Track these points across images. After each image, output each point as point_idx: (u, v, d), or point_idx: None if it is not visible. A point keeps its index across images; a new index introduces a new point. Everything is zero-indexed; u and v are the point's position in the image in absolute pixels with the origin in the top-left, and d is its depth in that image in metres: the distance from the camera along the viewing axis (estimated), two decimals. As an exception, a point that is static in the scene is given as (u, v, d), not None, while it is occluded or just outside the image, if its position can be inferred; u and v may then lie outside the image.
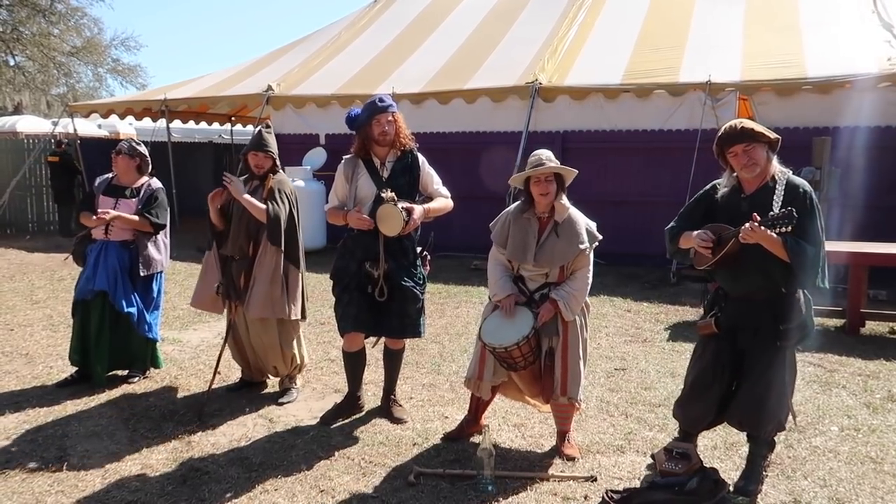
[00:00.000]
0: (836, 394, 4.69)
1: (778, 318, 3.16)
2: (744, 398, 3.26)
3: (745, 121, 3.20)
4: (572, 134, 9.72)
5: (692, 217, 3.34)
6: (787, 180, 3.15)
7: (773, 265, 3.09)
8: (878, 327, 6.31)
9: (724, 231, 3.15)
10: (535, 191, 3.63)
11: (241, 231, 4.36)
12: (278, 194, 4.35)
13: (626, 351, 5.69)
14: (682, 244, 3.32)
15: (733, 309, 3.26)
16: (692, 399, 3.43)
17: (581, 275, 3.66)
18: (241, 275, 4.37)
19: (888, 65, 8.14)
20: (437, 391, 4.75)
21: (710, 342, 3.36)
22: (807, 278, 3.07)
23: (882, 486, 3.44)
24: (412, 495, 3.31)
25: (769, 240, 2.99)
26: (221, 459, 3.70)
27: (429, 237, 4.31)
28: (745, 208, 3.12)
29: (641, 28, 10.67)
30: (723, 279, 3.29)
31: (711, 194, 3.34)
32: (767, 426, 3.28)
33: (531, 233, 3.66)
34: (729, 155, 3.19)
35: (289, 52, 13.53)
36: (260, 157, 4.37)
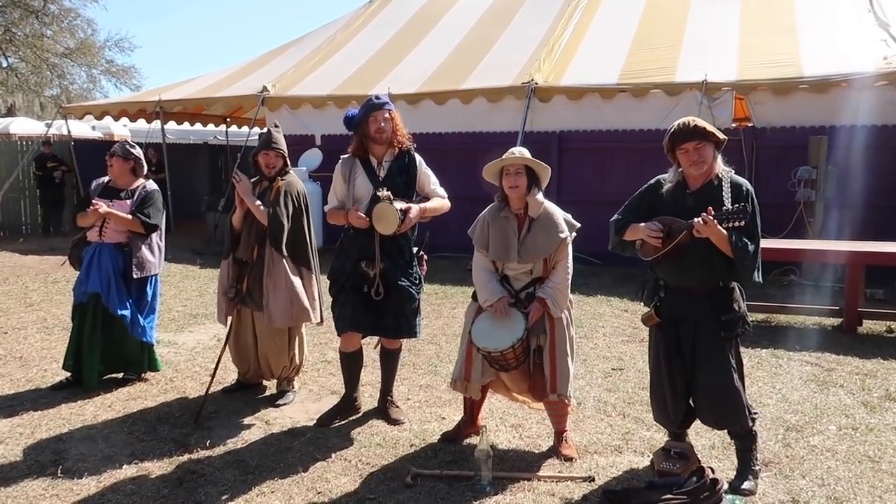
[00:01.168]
0: (833, 393, 4.69)
1: (718, 310, 3.24)
2: (708, 396, 3.29)
3: (697, 119, 3.26)
4: (569, 134, 9.72)
5: (637, 210, 3.39)
6: (731, 179, 3.24)
7: (717, 259, 3.18)
8: (875, 326, 6.31)
9: (673, 224, 3.20)
10: (505, 183, 3.64)
11: (251, 234, 4.34)
12: (284, 196, 4.30)
13: (624, 351, 5.68)
14: (628, 236, 3.38)
15: (673, 300, 3.32)
16: (656, 397, 3.48)
17: (562, 266, 3.66)
18: (247, 277, 4.34)
19: (884, 64, 8.15)
20: (435, 392, 4.73)
21: (657, 337, 3.42)
22: (747, 273, 3.18)
23: (880, 484, 3.43)
24: (409, 497, 3.29)
25: (718, 235, 3.09)
26: (217, 462, 3.67)
27: (425, 237, 4.30)
28: (690, 203, 3.20)
29: (638, 28, 10.67)
30: (666, 271, 3.33)
31: (656, 188, 3.39)
32: (741, 418, 3.29)
33: (511, 230, 3.66)
34: (679, 151, 3.25)
35: (284, 53, 13.51)
36: (271, 155, 4.34)
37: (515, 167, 3.61)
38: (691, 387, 3.35)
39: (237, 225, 4.40)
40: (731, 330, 3.26)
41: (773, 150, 8.80)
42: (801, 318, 6.53)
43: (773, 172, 8.66)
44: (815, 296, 7.42)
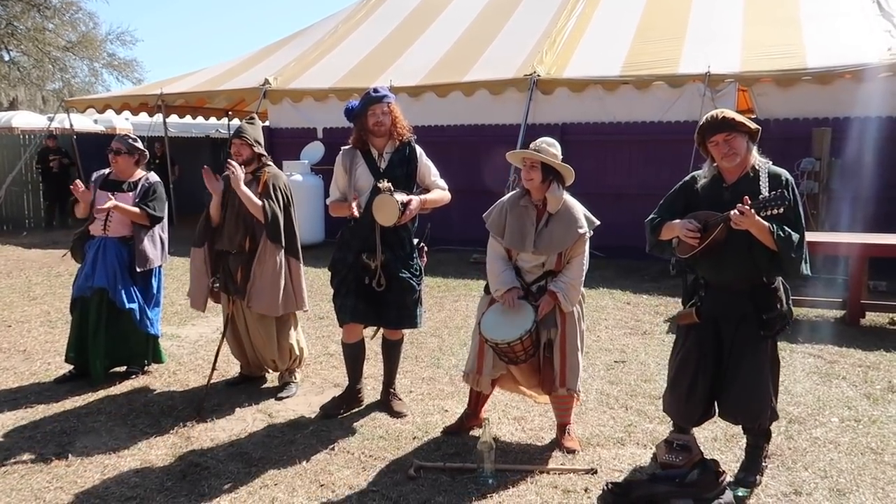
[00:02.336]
0: (836, 385, 4.69)
1: (760, 308, 3.16)
2: (735, 392, 3.23)
3: (726, 111, 3.18)
4: (571, 126, 9.68)
5: (674, 207, 3.31)
6: (769, 169, 3.16)
7: (759, 253, 3.09)
8: (878, 318, 6.30)
9: (710, 218, 3.12)
10: (523, 174, 3.63)
11: (239, 225, 4.35)
12: (272, 190, 4.34)
13: (626, 343, 5.68)
14: (664, 235, 3.29)
15: (714, 298, 3.23)
16: (677, 394, 3.40)
17: (577, 262, 3.64)
18: (239, 269, 4.36)
19: (888, 55, 8.10)
20: (437, 385, 4.73)
21: (690, 333, 3.33)
22: (792, 265, 3.07)
23: (883, 476, 3.43)
24: (412, 489, 3.30)
25: (758, 225, 2.98)
26: (221, 454, 3.69)
27: (426, 229, 4.30)
28: (727, 198, 3.12)
29: (640, 19, 10.61)
30: (705, 268, 3.25)
31: (692, 185, 3.31)
32: (762, 417, 3.26)
33: (529, 220, 3.64)
34: (710, 144, 3.18)
35: (286, 46, 13.47)
36: (237, 144, 4.38)
37: (531, 161, 3.61)
38: (719, 382, 3.28)
39: (216, 215, 4.41)
40: (770, 328, 3.18)
41: (776, 141, 8.68)
42: (804, 310, 6.52)
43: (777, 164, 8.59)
44: (818, 288, 7.39)
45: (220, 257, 4.46)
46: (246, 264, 4.35)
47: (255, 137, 4.41)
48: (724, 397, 3.30)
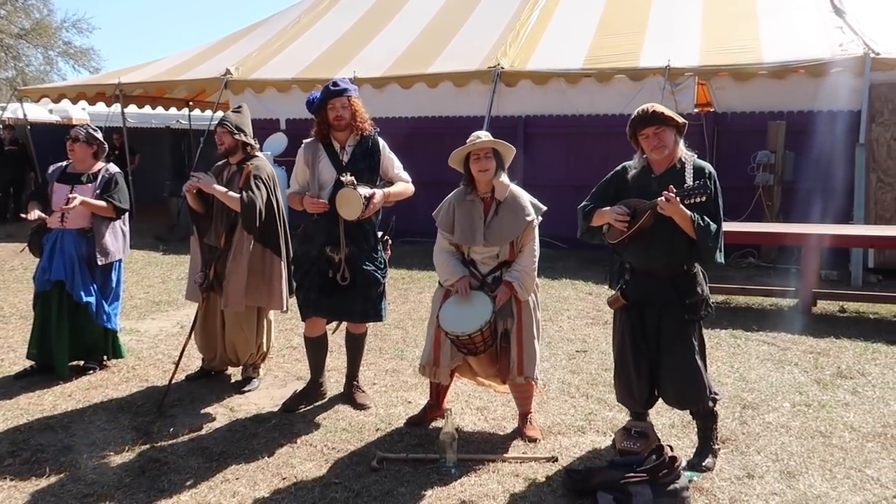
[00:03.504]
0: (788, 371, 4.83)
1: (682, 293, 3.31)
2: (672, 377, 3.36)
3: (657, 105, 3.31)
4: (535, 119, 9.75)
5: (605, 196, 3.43)
6: (694, 162, 3.31)
7: (679, 241, 3.23)
8: (828, 306, 6.50)
9: (638, 205, 3.26)
10: (475, 168, 3.64)
11: (223, 220, 4.29)
12: (254, 180, 4.24)
13: (588, 333, 5.76)
14: (595, 221, 3.41)
15: (638, 283, 3.37)
16: (621, 378, 3.53)
17: (528, 250, 3.70)
18: (217, 265, 4.29)
19: (840, 50, 8.33)
20: (401, 377, 4.75)
21: (622, 318, 3.47)
22: (709, 253, 3.23)
23: (830, 458, 3.56)
24: (375, 480, 3.32)
25: (681, 213, 3.13)
26: (181, 449, 3.65)
27: (390, 222, 4.30)
28: (654, 188, 3.25)
29: (602, 13, 10.71)
30: (632, 254, 3.38)
31: (623, 174, 3.44)
32: (702, 398, 3.38)
33: (477, 214, 3.68)
34: (640, 137, 3.30)
35: (247, 36, 13.26)
36: (219, 132, 4.31)
37: (485, 151, 3.63)
38: (655, 368, 3.41)
39: (195, 206, 4.33)
40: (694, 312, 3.33)
41: (733, 134, 8.96)
42: (759, 299, 6.70)
43: (734, 157, 8.81)
44: (772, 277, 7.62)
45: (210, 252, 4.37)
46: (223, 260, 4.28)
47: (237, 125, 4.31)
48: (662, 384, 3.42)
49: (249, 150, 4.36)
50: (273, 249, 4.34)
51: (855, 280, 7.34)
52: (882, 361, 5.02)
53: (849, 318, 6.20)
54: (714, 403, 3.47)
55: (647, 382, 3.45)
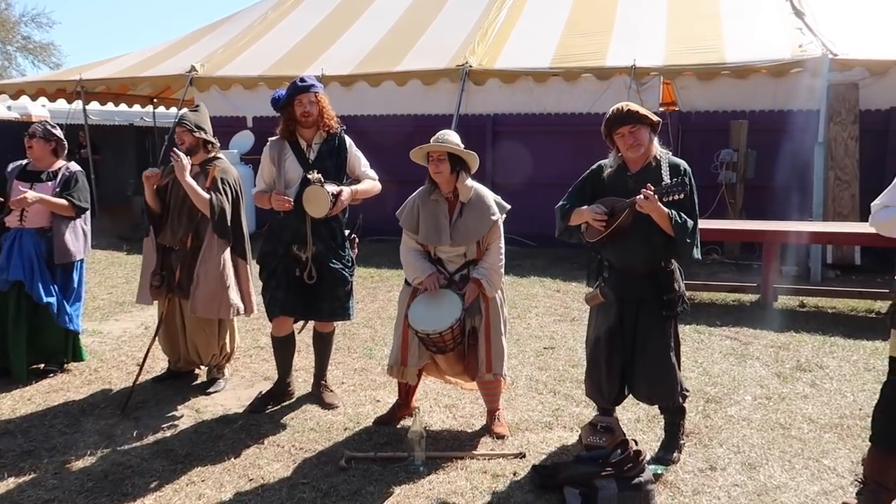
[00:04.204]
0: (750, 365, 4.94)
1: (660, 290, 3.35)
2: (646, 372, 3.40)
3: (631, 104, 3.34)
4: (503, 117, 9.80)
5: (582, 195, 3.46)
6: (669, 160, 3.35)
7: (657, 238, 3.27)
8: (789, 301, 6.65)
9: (616, 204, 3.29)
10: (430, 168, 3.65)
11: (182, 220, 4.20)
12: (221, 184, 4.18)
13: (555, 330, 5.82)
14: (573, 220, 3.44)
15: (617, 280, 3.40)
16: (594, 375, 3.55)
17: (495, 248, 3.72)
18: (180, 267, 4.22)
19: (800, 51, 8.52)
20: (369, 375, 4.74)
21: (599, 315, 3.50)
22: (686, 249, 3.28)
23: (790, 449, 3.65)
24: (343, 480, 3.31)
25: (658, 210, 3.17)
26: (145, 452, 3.60)
27: (357, 220, 4.29)
28: (631, 186, 3.29)
29: (569, 13, 10.81)
30: (610, 252, 3.41)
31: (599, 173, 3.47)
32: (674, 395, 3.44)
33: (442, 213, 3.68)
34: (616, 136, 3.33)
35: (213, 32, 13.08)
36: (178, 132, 4.23)
37: (439, 153, 3.63)
38: (628, 364, 3.45)
39: (152, 203, 4.25)
40: (671, 309, 3.36)
41: (697, 133, 9.11)
42: (722, 294, 6.83)
43: (698, 155, 8.93)
44: (735, 273, 7.77)
45: (163, 253, 4.29)
46: (188, 262, 4.19)
47: (196, 123, 4.24)
48: (635, 379, 3.46)
49: (210, 149, 4.30)
50: (241, 255, 4.30)
51: (814, 276, 7.53)
52: (839, 354, 5.16)
53: (808, 312, 6.36)
54: (684, 400, 3.53)
55: (618, 380, 3.49)
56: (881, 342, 5.19)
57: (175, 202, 4.20)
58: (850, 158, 8.17)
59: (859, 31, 8.95)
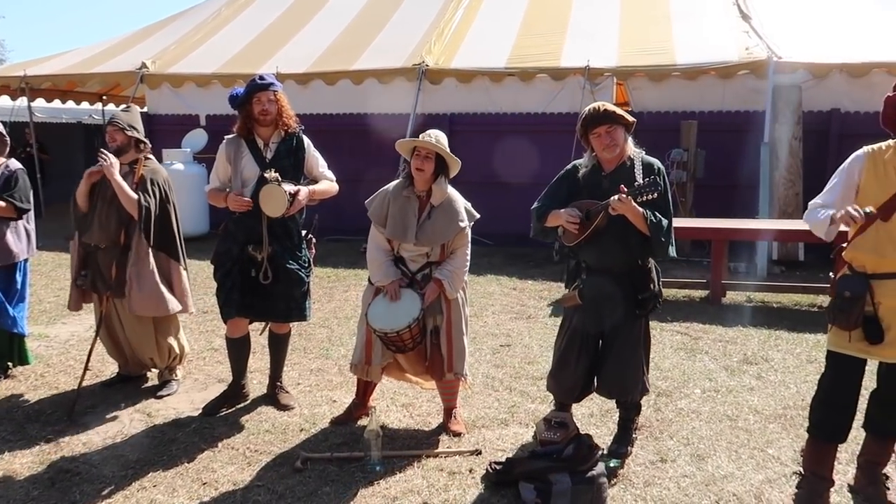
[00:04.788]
0: (699, 359, 5.08)
1: (636, 289, 3.40)
2: (611, 368, 3.46)
3: (607, 104, 3.37)
4: (459, 116, 9.85)
5: (557, 195, 3.48)
6: (643, 159, 3.39)
7: (633, 238, 3.31)
8: (737, 297, 6.85)
9: (590, 207, 3.31)
10: (414, 163, 3.65)
11: (112, 218, 4.12)
12: (150, 184, 4.13)
13: (512, 328, 5.88)
14: (549, 222, 3.45)
15: (595, 281, 3.42)
16: (562, 371, 3.58)
17: (461, 253, 3.74)
18: (113, 265, 4.14)
19: (746, 53, 8.78)
20: (326, 375, 4.72)
21: (574, 315, 3.52)
22: (662, 248, 3.33)
23: (736, 440, 3.77)
24: (299, 481, 3.30)
25: (633, 211, 3.20)
26: (94, 458, 3.52)
27: (314, 220, 4.27)
28: (605, 185, 3.33)
29: (525, 14, 10.91)
30: (587, 253, 3.44)
31: (574, 173, 3.50)
32: (634, 391, 3.51)
33: (411, 211, 3.68)
34: (592, 136, 3.35)
35: (164, 29, 12.80)
36: (110, 131, 4.16)
37: (427, 151, 3.63)
38: (597, 361, 3.49)
39: (82, 203, 4.16)
40: (644, 307, 3.41)
41: (649, 133, 9.13)
42: (673, 291, 7.00)
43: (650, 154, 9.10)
44: (686, 270, 7.96)
45: (88, 252, 4.20)
46: (120, 261, 4.12)
47: (128, 122, 4.17)
48: (601, 374, 3.51)
49: (142, 148, 4.24)
50: (169, 254, 4.23)
51: (760, 271, 7.76)
52: (784, 347, 5.35)
53: (755, 307, 6.56)
54: (642, 397, 3.61)
55: (584, 379, 3.53)
56: (822, 335, 5.37)
57: (103, 201, 4.12)
58: (794, 158, 8.45)
59: (802, 34, 9.26)
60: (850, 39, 9.06)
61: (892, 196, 2.84)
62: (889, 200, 2.84)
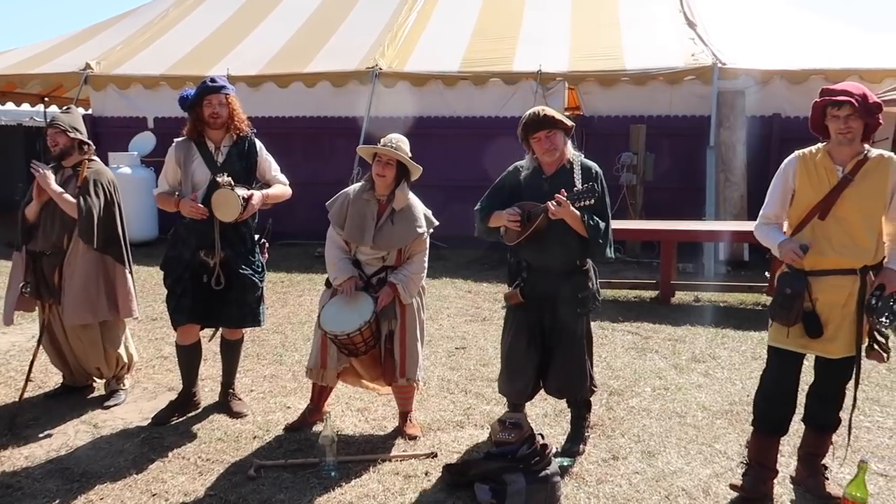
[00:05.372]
0: (649, 358, 5.19)
1: (575, 288, 3.48)
2: (558, 368, 3.53)
3: (547, 109, 3.46)
4: (413, 120, 9.85)
5: (500, 196, 3.55)
6: (581, 162, 3.49)
7: (572, 239, 3.40)
8: (685, 296, 7.03)
9: (532, 208, 3.40)
10: (375, 168, 3.66)
11: (55, 224, 4.00)
12: (93, 186, 4.03)
13: (467, 330, 5.91)
14: (492, 222, 3.53)
15: (535, 280, 3.51)
16: (511, 372, 3.64)
17: (418, 259, 3.75)
18: (56, 271, 4.02)
19: (692, 60, 9.03)
20: (280, 382, 4.66)
21: (517, 314, 3.59)
22: (600, 249, 3.44)
23: (685, 436, 3.87)
24: (252, 489, 3.25)
25: (571, 215, 3.30)
26: (37, 472, 3.40)
27: (267, 224, 4.22)
28: (546, 188, 3.41)
29: (478, 18, 11.00)
30: (528, 253, 3.52)
31: (515, 175, 3.58)
32: (582, 389, 3.58)
33: (370, 214, 3.69)
34: (533, 140, 3.44)
35: (109, 29, 12.46)
36: (51, 134, 4.04)
37: (388, 157, 3.63)
38: (544, 361, 3.55)
39: (32, 217, 4.04)
40: (584, 306, 3.49)
41: (600, 137, 9.48)
42: (624, 291, 7.14)
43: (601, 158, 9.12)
44: (636, 271, 8.14)
45: (34, 259, 4.06)
46: (62, 266, 4.01)
47: (70, 124, 4.06)
48: (549, 374, 3.57)
49: (86, 150, 4.13)
50: (114, 256, 4.13)
51: (707, 272, 7.98)
52: (730, 345, 5.51)
53: (702, 306, 6.74)
54: (591, 394, 3.67)
55: (534, 377, 3.59)
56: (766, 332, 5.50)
57: (46, 208, 4.02)
58: (738, 161, 8.72)
59: (746, 42, 9.59)
60: (791, 47, 9.42)
61: (825, 196, 2.99)
62: (823, 201, 2.99)
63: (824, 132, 3.05)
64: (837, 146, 3.00)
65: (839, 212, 2.97)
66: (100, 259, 4.06)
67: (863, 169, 2.96)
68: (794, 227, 3.09)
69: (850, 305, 3.00)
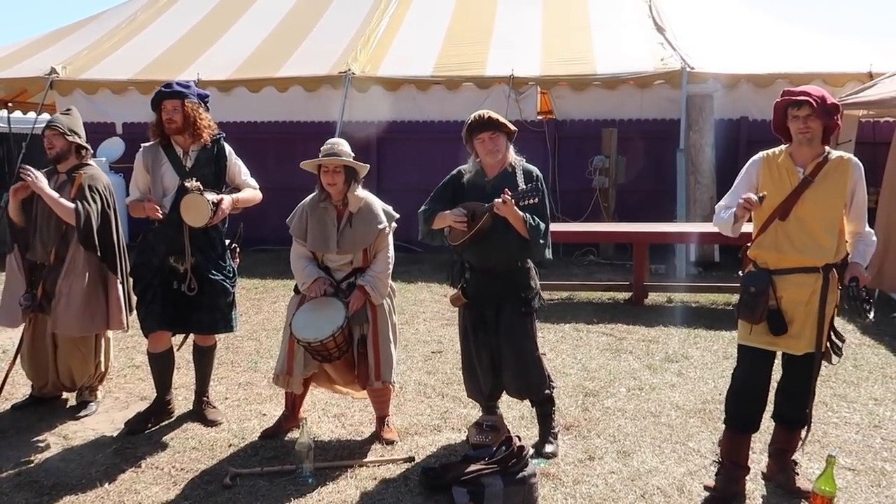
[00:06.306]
0: (624, 359, 5.25)
1: (518, 288, 3.54)
2: (512, 368, 3.57)
3: (490, 112, 3.53)
4: (386, 124, 9.85)
5: (443, 199, 3.60)
6: (523, 166, 3.56)
7: (513, 240, 3.45)
8: (658, 298, 7.12)
9: (476, 208, 3.45)
10: (324, 179, 3.66)
11: (51, 232, 3.91)
12: (89, 191, 3.93)
13: (443, 334, 5.91)
14: (436, 224, 3.57)
15: (478, 280, 3.56)
16: (466, 372, 3.72)
17: (382, 256, 3.76)
18: (45, 283, 3.94)
19: (661, 64, 9.17)
20: (255, 389, 4.62)
21: (465, 315, 3.66)
22: (539, 250, 3.50)
23: (660, 435, 3.92)
24: (228, 498, 3.22)
25: (514, 214, 3.36)
26: (5, 486, 3.33)
27: (238, 229, 4.19)
28: (488, 190, 3.47)
29: (450, 22, 11.03)
30: (471, 254, 3.57)
31: (459, 178, 3.64)
32: (541, 387, 3.62)
33: (330, 221, 3.69)
34: (476, 141, 3.51)
35: (76, 33, 12.24)
36: (48, 135, 3.96)
37: (333, 166, 3.63)
38: (496, 361, 3.60)
39: (16, 218, 3.96)
40: (529, 305, 3.56)
41: (572, 140, 9.58)
42: (598, 293, 7.20)
43: (574, 161, 9.41)
44: (610, 273, 8.23)
45: (34, 269, 3.97)
46: (52, 278, 3.92)
47: (69, 127, 3.98)
48: (504, 377, 3.62)
49: (83, 155, 4.06)
50: (109, 265, 4.06)
51: (679, 273, 8.10)
52: (702, 345, 5.60)
53: (675, 307, 6.83)
54: (551, 391, 3.71)
55: (491, 375, 3.63)
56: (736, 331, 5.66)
57: (42, 214, 3.93)
58: (707, 164, 8.86)
59: (714, 46, 9.75)
60: (757, 51, 9.61)
61: (787, 197, 3.07)
62: (785, 201, 3.07)
63: (786, 134, 3.14)
64: (798, 147, 3.08)
65: (800, 212, 3.06)
66: (101, 268, 3.98)
67: (823, 170, 3.05)
68: (758, 229, 3.16)
69: (812, 303, 3.08)
